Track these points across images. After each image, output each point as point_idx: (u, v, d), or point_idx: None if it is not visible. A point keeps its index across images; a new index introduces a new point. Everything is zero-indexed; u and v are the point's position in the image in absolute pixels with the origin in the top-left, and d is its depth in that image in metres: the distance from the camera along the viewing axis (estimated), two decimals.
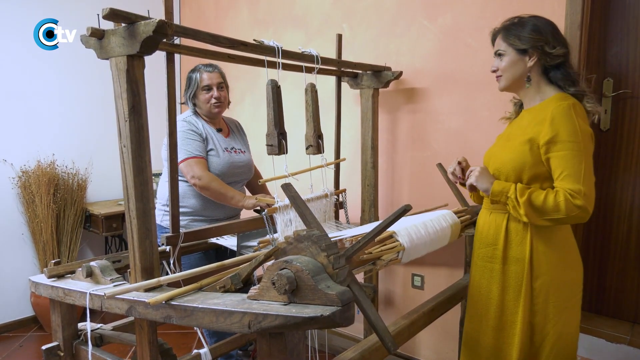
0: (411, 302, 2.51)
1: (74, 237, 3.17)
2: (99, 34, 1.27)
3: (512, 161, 1.47)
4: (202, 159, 2.08)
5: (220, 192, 2.05)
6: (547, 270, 1.47)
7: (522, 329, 1.49)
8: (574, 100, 1.43)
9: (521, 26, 1.47)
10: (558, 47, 1.44)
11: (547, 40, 1.44)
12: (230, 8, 3.33)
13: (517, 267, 1.50)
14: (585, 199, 1.34)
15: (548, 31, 1.45)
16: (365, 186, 2.39)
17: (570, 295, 1.51)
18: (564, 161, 1.37)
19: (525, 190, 1.40)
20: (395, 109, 2.52)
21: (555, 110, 1.39)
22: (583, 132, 1.37)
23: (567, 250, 1.50)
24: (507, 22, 1.52)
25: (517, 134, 1.50)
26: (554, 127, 1.38)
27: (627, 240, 2.06)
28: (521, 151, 1.45)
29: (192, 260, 2.08)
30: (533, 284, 1.48)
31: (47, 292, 1.54)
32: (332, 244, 1.11)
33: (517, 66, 1.48)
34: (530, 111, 1.52)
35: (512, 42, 1.47)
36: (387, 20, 2.48)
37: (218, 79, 2.19)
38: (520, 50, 1.46)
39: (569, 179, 1.36)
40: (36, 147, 3.10)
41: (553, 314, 1.48)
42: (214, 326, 1.12)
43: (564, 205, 1.34)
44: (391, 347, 1.15)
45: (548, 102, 1.46)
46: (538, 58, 1.46)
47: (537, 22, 1.46)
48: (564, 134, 1.37)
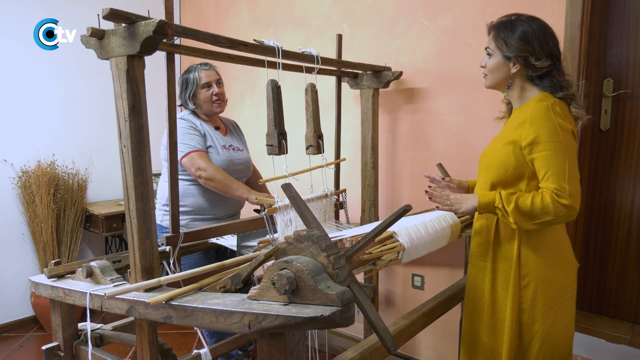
0: (411, 302, 2.51)
1: (74, 237, 3.17)
2: (99, 34, 1.27)
3: (497, 162, 1.49)
4: (204, 152, 2.08)
5: (225, 183, 2.04)
6: (535, 268, 1.48)
7: (510, 326, 1.50)
8: (554, 100, 1.43)
9: (512, 30, 1.45)
10: (543, 59, 1.43)
11: (532, 51, 1.42)
12: (230, 8, 3.33)
13: (505, 265, 1.52)
14: (572, 197, 1.35)
15: (536, 41, 1.42)
16: (365, 186, 2.39)
17: (559, 293, 1.51)
18: (547, 161, 1.37)
19: (511, 197, 1.39)
20: (395, 109, 2.52)
21: (534, 111, 1.40)
22: (563, 131, 1.37)
23: (557, 248, 1.51)
24: (502, 20, 1.51)
25: (503, 135, 1.52)
26: (534, 129, 1.39)
27: (627, 240, 2.06)
28: (505, 152, 1.46)
29: (192, 260, 2.08)
30: (521, 282, 1.50)
31: (47, 292, 1.54)
32: (332, 244, 1.11)
33: (501, 70, 1.49)
34: (516, 111, 1.53)
35: (499, 45, 1.47)
36: (387, 20, 2.48)
37: (216, 76, 2.20)
38: (506, 56, 1.46)
39: (553, 179, 1.36)
40: (36, 147, 3.10)
41: (541, 313, 1.49)
42: (214, 326, 1.12)
43: (552, 206, 1.34)
44: (391, 347, 1.15)
45: (530, 102, 1.47)
46: (521, 67, 1.46)
47: (529, 28, 1.43)
48: (544, 134, 1.37)
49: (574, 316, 1.59)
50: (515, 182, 1.47)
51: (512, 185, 1.48)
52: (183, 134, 2.04)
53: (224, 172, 2.07)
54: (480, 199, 1.45)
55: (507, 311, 1.51)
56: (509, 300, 1.50)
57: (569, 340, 1.58)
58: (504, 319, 1.53)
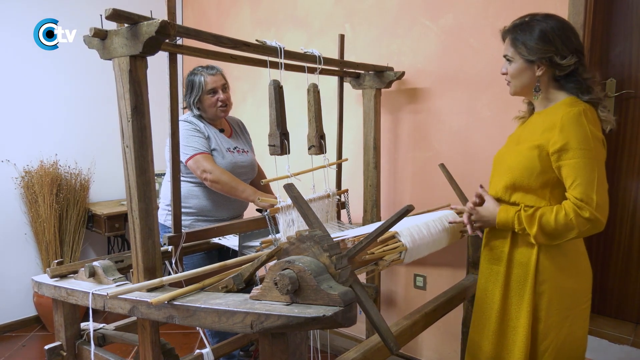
0: (413, 302, 2.51)
1: (76, 237, 3.18)
2: (101, 34, 1.27)
3: (520, 166, 1.42)
4: (209, 154, 2.08)
5: (231, 185, 2.03)
6: (553, 275, 1.42)
7: (524, 335, 1.44)
8: (585, 105, 1.36)
9: (529, 31, 1.37)
10: (569, 56, 1.35)
11: (556, 50, 1.35)
12: (232, 8, 3.33)
13: (520, 270, 1.46)
14: (598, 208, 1.29)
15: (558, 38, 1.35)
16: (367, 186, 2.39)
17: (575, 303, 1.45)
18: (575, 170, 1.31)
19: (533, 219, 1.35)
20: (397, 109, 2.52)
21: (565, 116, 1.33)
22: (595, 139, 1.32)
23: (575, 256, 1.45)
24: (516, 22, 1.43)
25: (527, 138, 1.45)
26: (564, 135, 1.32)
27: (630, 241, 2.06)
28: (529, 157, 1.40)
29: (195, 260, 2.08)
30: (537, 289, 1.43)
31: (49, 292, 1.55)
32: (335, 244, 1.11)
33: (526, 74, 1.42)
34: (541, 114, 1.46)
35: (519, 50, 1.40)
36: (389, 20, 2.48)
37: (222, 81, 2.18)
38: (528, 60, 1.40)
39: (580, 188, 1.30)
40: (39, 147, 3.10)
41: (556, 322, 1.43)
42: (217, 326, 1.12)
43: (575, 222, 1.30)
44: (393, 348, 1.15)
45: (558, 106, 1.40)
46: (547, 68, 1.39)
47: (547, 26, 1.36)
48: (574, 141, 1.31)
49: (587, 329, 1.53)
50: (539, 189, 1.41)
51: (535, 192, 1.41)
52: (187, 136, 2.04)
53: (229, 174, 2.06)
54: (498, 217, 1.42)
55: (521, 319, 1.45)
56: (524, 308, 1.44)
57: (582, 354, 1.52)
58: (516, 327, 1.46)
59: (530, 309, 1.43)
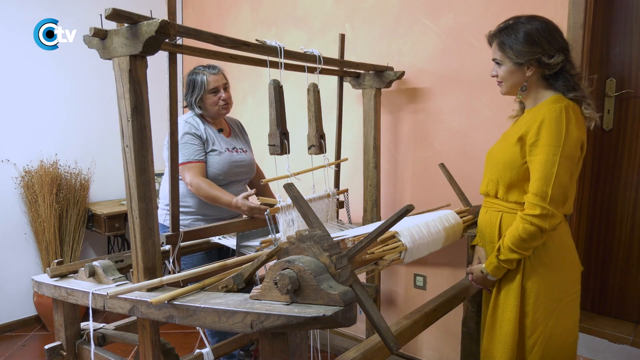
0: (413, 302, 2.51)
1: (76, 237, 3.18)
2: (101, 34, 1.27)
3: (503, 160, 1.48)
4: (197, 163, 2.07)
5: (209, 195, 2.03)
6: (538, 271, 1.46)
7: (511, 329, 1.48)
8: (568, 102, 1.40)
9: (514, 35, 1.41)
10: (556, 54, 1.40)
11: (543, 51, 1.39)
12: (232, 8, 3.33)
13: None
14: (552, 202, 1.33)
15: (543, 38, 1.39)
16: (367, 186, 2.39)
17: (562, 295, 1.48)
18: (538, 165, 1.36)
19: (507, 249, 1.43)
20: (397, 109, 2.51)
21: (547, 113, 1.38)
22: (568, 137, 1.35)
23: (561, 250, 1.48)
24: (501, 26, 1.47)
25: (513, 134, 1.50)
26: (540, 130, 1.37)
27: (630, 240, 2.06)
28: (512, 151, 1.45)
29: (195, 260, 2.08)
30: (524, 284, 1.47)
31: (49, 292, 1.55)
32: (335, 244, 1.11)
33: (516, 76, 1.46)
34: (529, 112, 1.51)
35: (507, 54, 1.44)
36: (390, 20, 2.48)
37: (223, 80, 2.18)
38: (517, 63, 1.43)
39: (538, 183, 1.36)
40: (39, 147, 3.10)
41: (544, 316, 1.47)
42: (217, 326, 1.12)
43: (530, 226, 1.36)
44: (393, 347, 1.15)
45: (544, 104, 1.45)
46: (536, 69, 1.43)
47: (531, 28, 1.40)
48: (545, 137, 1.36)
49: (577, 320, 1.56)
50: (521, 183, 1.46)
51: (517, 186, 1.47)
52: (181, 142, 2.03)
53: (208, 183, 2.04)
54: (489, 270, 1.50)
55: (507, 313, 1.49)
56: (511, 302, 1.49)
57: (572, 344, 1.55)
58: (503, 321, 1.51)
59: (517, 303, 1.48)
